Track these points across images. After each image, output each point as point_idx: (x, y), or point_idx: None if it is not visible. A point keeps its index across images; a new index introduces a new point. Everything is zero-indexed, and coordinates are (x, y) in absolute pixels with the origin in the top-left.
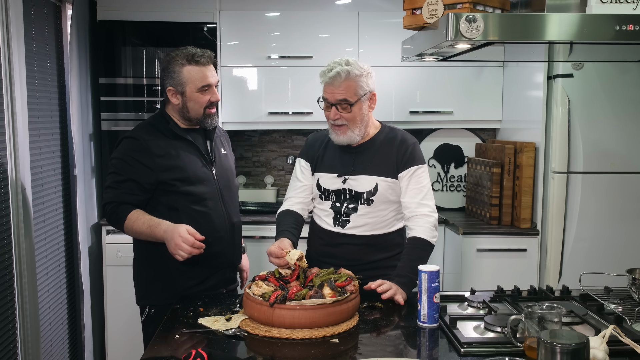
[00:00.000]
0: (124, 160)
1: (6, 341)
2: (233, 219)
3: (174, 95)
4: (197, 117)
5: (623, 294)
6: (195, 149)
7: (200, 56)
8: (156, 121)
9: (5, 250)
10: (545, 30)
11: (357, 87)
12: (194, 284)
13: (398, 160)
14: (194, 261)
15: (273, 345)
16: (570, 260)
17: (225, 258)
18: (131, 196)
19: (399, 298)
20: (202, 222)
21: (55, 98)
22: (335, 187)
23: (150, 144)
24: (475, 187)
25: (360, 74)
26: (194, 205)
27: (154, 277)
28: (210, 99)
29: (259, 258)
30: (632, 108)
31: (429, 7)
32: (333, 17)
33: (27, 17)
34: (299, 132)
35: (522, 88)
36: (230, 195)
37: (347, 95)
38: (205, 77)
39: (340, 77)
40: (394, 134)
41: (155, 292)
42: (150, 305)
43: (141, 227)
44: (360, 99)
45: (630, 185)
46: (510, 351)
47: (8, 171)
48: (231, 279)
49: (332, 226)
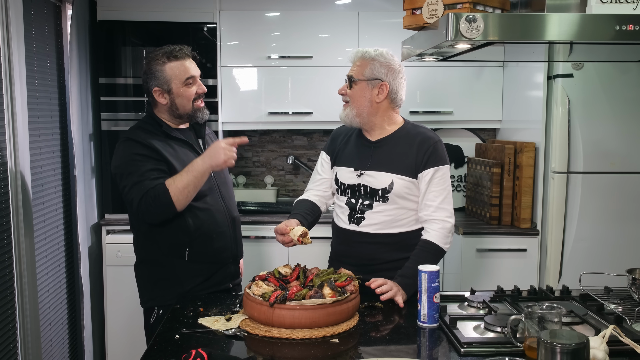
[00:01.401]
0: (133, 159)
1: (6, 341)
2: (233, 214)
3: (161, 95)
4: (187, 113)
5: (623, 294)
6: (190, 148)
7: (178, 51)
8: (147, 124)
9: (5, 250)
10: (545, 30)
11: (367, 69)
12: (200, 281)
13: (418, 159)
14: (200, 258)
15: (273, 345)
16: (570, 260)
17: (229, 252)
18: (156, 179)
19: (399, 299)
20: (204, 218)
21: (55, 98)
22: (351, 182)
23: (148, 142)
24: (475, 187)
25: (375, 59)
26: (196, 202)
27: (159, 278)
28: (197, 90)
29: (259, 258)
30: (632, 108)
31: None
32: (333, 17)
33: (27, 17)
34: (299, 132)
35: (522, 88)
36: (227, 190)
37: (355, 73)
38: (187, 70)
39: (357, 54)
40: (416, 131)
41: (161, 292)
42: (158, 307)
43: (183, 179)
44: (364, 81)
45: (630, 185)
46: (510, 351)
47: (8, 171)
48: (236, 273)
49: (348, 224)
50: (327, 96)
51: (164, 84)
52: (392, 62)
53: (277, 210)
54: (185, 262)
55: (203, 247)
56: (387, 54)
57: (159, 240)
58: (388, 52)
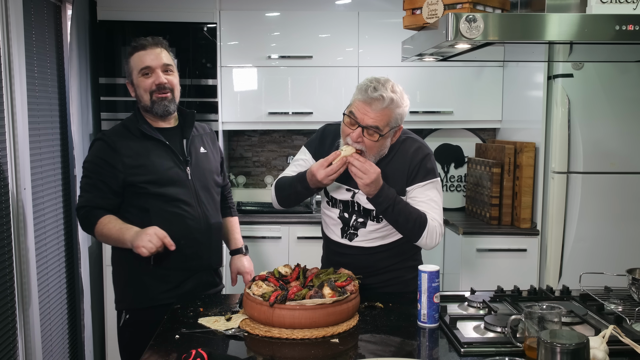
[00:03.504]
0: (94, 162)
1: (6, 341)
2: (211, 220)
3: (130, 88)
4: (147, 105)
5: (623, 294)
6: (167, 149)
7: (142, 41)
8: (128, 122)
9: (5, 250)
10: (545, 30)
11: (392, 118)
12: (168, 288)
13: (408, 174)
14: (167, 264)
15: (273, 345)
16: (570, 260)
17: (201, 261)
18: (103, 200)
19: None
20: (175, 223)
21: (55, 98)
22: (343, 198)
23: (119, 144)
24: (475, 187)
25: (400, 107)
26: (166, 206)
27: (127, 282)
28: (154, 81)
29: (259, 258)
30: (632, 108)
31: (429, 7)
32: (333, 17)
33: (27, 17)
34: (299, 132)
35: (522, 88)
36: (208, 196)
37: (380, 123)
38: (144, 60)
39: (383, 102)
40: (408, 145)
41: (129, 296)
42: (125, 310)
43: (111, 230)
44: (390, 131)
45: (630, 185)
46: (510, 351)
47: (8, 171)
48: (210, 282)
49: (340, 237)
50: (327, 96)
51: (129, 76)
52: (407, 101)
53: (277, 210)
54: (151, 268)
55: (169, 253)
56: (403, 93)
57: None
58: (400, 88)
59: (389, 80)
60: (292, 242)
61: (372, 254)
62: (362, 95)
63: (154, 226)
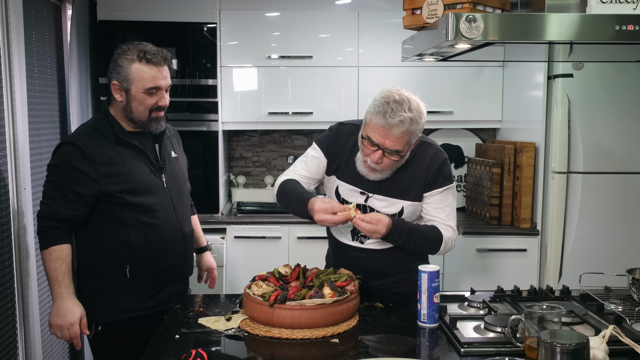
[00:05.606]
0: (63, 168)
1: (6, 341)
2: (185, 229)
3: (118, 91)
4: (141, 120)
5: (623, 294)
6: (142, 155)
7: (153, 54)
8: (99, 124)
9: (5, 250)
10: (545, 30)
11: (413, 135)
12: (142, 299)
13: (425, 181)
14: (141, 276)
15: (273, 345)
16: (570, 260)
17: (176, 271)
18: (70, 210)
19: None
20: (151, 234)
21: (55, 98)
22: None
23: (93, 151)
24: (475, 187)
25: (419, 123)
26: (143, 217)
27: (99, 294)
28: (157, 102)
29: (259, 258)
30: (632, 108)
31: (429, 7)
32: (333, 17)
33: (27, 17)
34: (299, 132)
35: (522, 88)
36: (182, 204)
37: (401, 145)
38: (155, 79)
39: (403, 126)
40: (424, 150)
41: (101, 308)
42: (97, 323)
43: (51, 267)
44: (410, 148)
45: (630, 185)
46: (510, 351)
47: (8, 171)
48: (182, 291)
49: (350, 240)
50: (327, 96)
51: (124, 81)
52: (424, 114)
53: (277, 211)
54: (126, 280)
55: (146, 265)
56: (420, 106)
57: (98, 251)
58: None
59: (404, 97)
60: (292, 242)
61: (383, 256)
62: (381, 120)
63: (77, 319)
